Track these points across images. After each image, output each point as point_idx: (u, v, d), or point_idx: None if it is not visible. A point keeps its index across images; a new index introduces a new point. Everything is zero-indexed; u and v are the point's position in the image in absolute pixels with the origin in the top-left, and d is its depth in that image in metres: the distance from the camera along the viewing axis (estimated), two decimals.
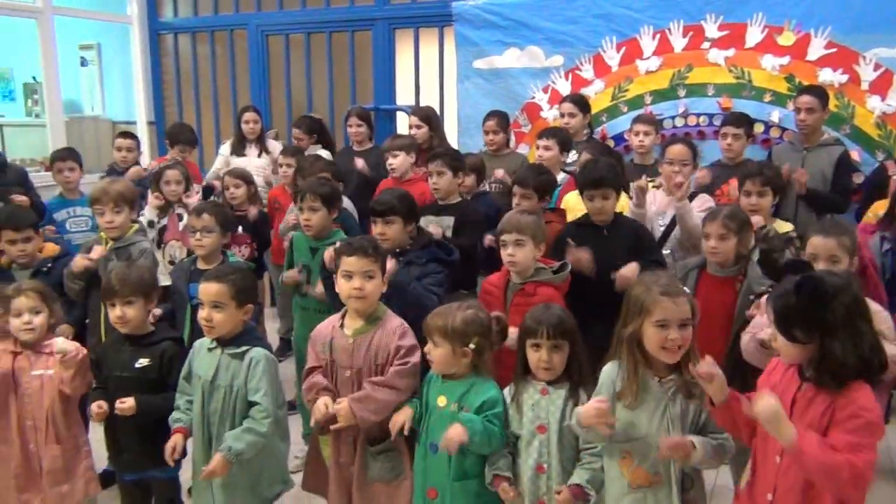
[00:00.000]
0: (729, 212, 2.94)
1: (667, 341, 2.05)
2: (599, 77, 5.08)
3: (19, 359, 2.69)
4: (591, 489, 2.20)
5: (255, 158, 5.37)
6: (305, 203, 3.33)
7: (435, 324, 2.32)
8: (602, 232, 3.28)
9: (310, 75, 6.38)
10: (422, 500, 2.39)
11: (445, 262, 3.15)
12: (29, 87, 7.72)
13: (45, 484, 2.68)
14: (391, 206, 3.07)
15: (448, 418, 2.32)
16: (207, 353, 2.51)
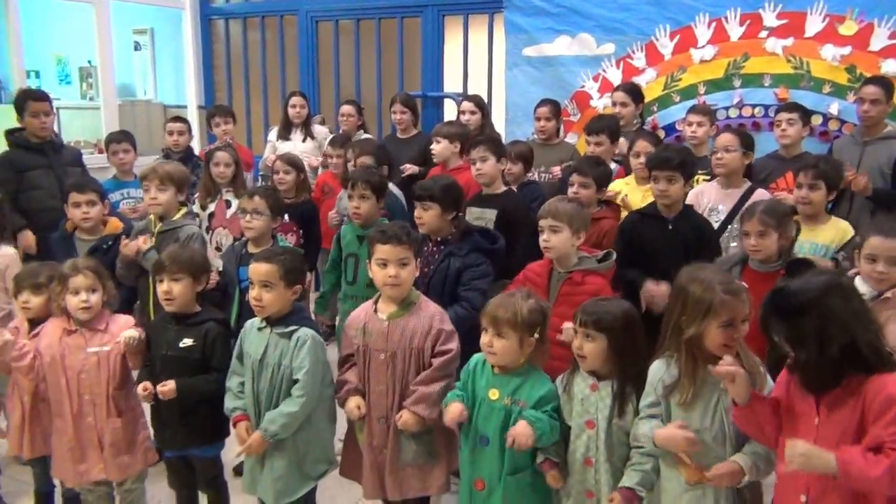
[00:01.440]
0: (766, 207, 2.86)
1: (732, 340, 2.02)
2: (651, 66, 4.99)
3: (74, 336, 2.74)
4: (643, 492, 2.17)
5: (299, 143, 5.39)
6: (356, 191, 3.35)
7: (502, 315, 2.27)
8: (666, 225, 3.21)
9: (358, 62, 6.39)
10: (468, 490, 2.37)
11: (489, 252, 3.13)
12: (84, 71, 7.90)
13: (106, 455, 2.75)
14: (430, 192, 3.08)
15: (500, 412, 2.30)
16: (257, 332, 2.53)
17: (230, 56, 7.05)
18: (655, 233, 3.20)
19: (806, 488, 1.88)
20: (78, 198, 3.44)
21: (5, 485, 3.23)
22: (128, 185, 4.49)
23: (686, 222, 3.22)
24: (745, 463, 2.01)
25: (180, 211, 3.48)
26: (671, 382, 2.12)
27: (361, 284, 3.36)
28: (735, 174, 3.64)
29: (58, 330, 2.75)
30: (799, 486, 1.89)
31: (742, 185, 3.64)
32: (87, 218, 3.44)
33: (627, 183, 3.90)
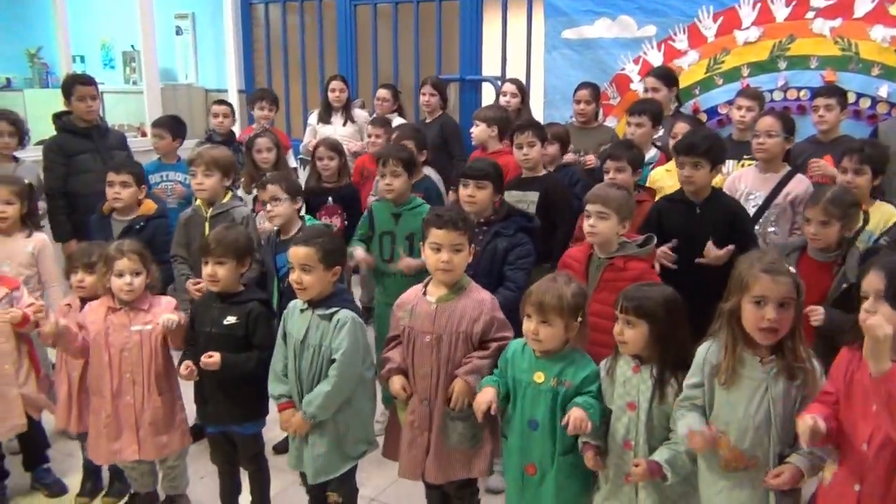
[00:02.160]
0: (832, 196, 2.80)
1: (763, 320, 1.98)
2: (694, 48, 4.91)
3: (119, 315, 2.81)
4: (669, 470, 2.16)
5: (339, 127, 5.42)
6: (388, 168, 3.37)
7: (548, 302, 2.26)
8: (694, 209, 3.18)
9: (397, 45, 6.39)
10: (519, 476, 2.38)
11: (530, 231, 3.14)
12: (127, 56, 8.02)
13: (145, 434, 2.82)
14: (486, 171, 3.10)
15: (547, 394, 2.31)
16: (300, 314, 2.56)
17: (270, 40, 7.11)
18: (683, 218, 3.16)
19: (860, 478, 1.84)
20: (113, 177, 3.51)
21: (55, 459, 3.33)
22: (169, 168, 4.58)
23: (716, 207, 3.18)
24: (804, 466, 1.98)
25: (227, 195, 3.52)
26: (716, 362, 2.11)
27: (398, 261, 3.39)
28: (775, 159, 3.56)
29: (103, 308, 2.83)
30: (853, 477, 1.86)
31: (780, 170, 3.56)
32: (117, 198, 3.51)
33: (668, 169, 3.84)
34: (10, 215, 3.29)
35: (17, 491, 3.19)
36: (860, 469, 1.84)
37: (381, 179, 3.43)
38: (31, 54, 7.86)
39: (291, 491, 3.09)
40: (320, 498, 2.70)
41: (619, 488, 2.29)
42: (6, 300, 2.97)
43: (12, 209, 3.29)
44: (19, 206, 3.31)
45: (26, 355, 3.04)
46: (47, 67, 7.89)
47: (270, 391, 2.62)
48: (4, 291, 2.98)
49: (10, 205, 3.28)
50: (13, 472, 3.20)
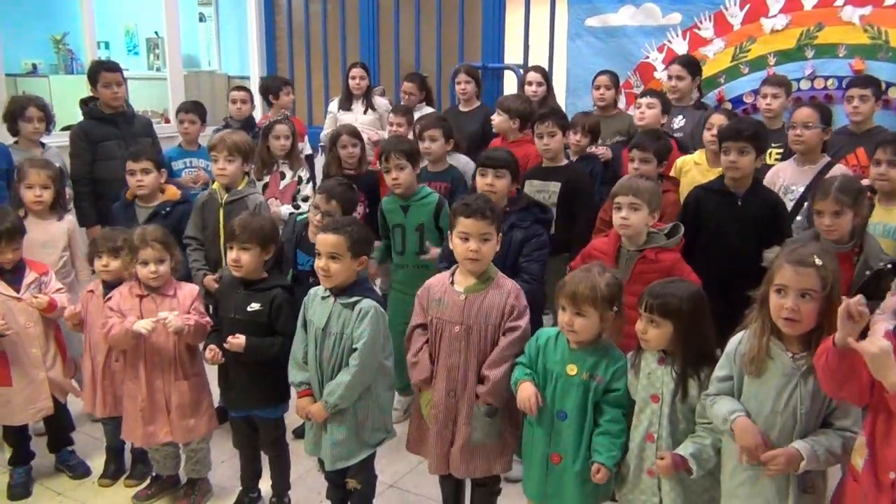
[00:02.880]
0: (840, 184, 2.75)
1: (783, 309, 1.96)
2: (720, 36, 4.84)
3: (145, 301, 2.85)
4: (694, 464, 2.15)
5: (360, 115, 5.41)
6: (391, 162, 3.35)
7: (583, 293, 2.24)
8: (735, 201, 3.13)
9: (419, 33, 6.37)
10: (543, 464, 2.37)
11: (545, 222, 3.13)
12: (151, 42, 8.05)
13: (173, 417, 2.86)
14: (506, 161, 3.08)
15: (578, 387, 2.31)
16: (321, 301, 2.57)
17: (292, 27, 7.11)
18: (722, 209, 3.13)
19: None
20: (132, 166, 3.53)
21: (80, 441, 3.38)
22: (191, 155, 4.60)
23: (756, 198, 3.13)
24: (803, 449, 1.95)
25: (243, 181, 3.53)
26: (746, 353, 2.09)
27: (410, 253, 3.41)
28: (813, 151, 3.49)
29: (133, 295, 2.87)
30: (890, 463, 1.82)
31: (818, 162, 3.49)
32: (141, 185, 3.53)
33: (698, 162, 3.78)
34: (46, 199, 3.35)
35: (42, 472, 3.25)
36: None
37: (387, 175, 3.42)
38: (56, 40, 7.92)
39: (311, 476, 3.11)
40: (339, 483, 2.72)
41: (641, 481, 2.29)
42: (35, 285, 3.03)
43: (48, 193, 3.35)
44: (52, 191, 3.35)
45: (53, 339, 3.10)
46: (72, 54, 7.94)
47: (291, 378, 2.64)
48: (34, 276, 3.04)
49: (47, 189, 3.34)
50: (38, 454, 3.25)
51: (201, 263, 3.43)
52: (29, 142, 4.01)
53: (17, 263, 3.03)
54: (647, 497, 2.29)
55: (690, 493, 2.23)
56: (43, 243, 3.37)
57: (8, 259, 2.97)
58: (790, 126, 3.55)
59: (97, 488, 3.18)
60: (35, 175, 3.33)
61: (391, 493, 3.11)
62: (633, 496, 2.31)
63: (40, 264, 3.13)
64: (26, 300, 2.95)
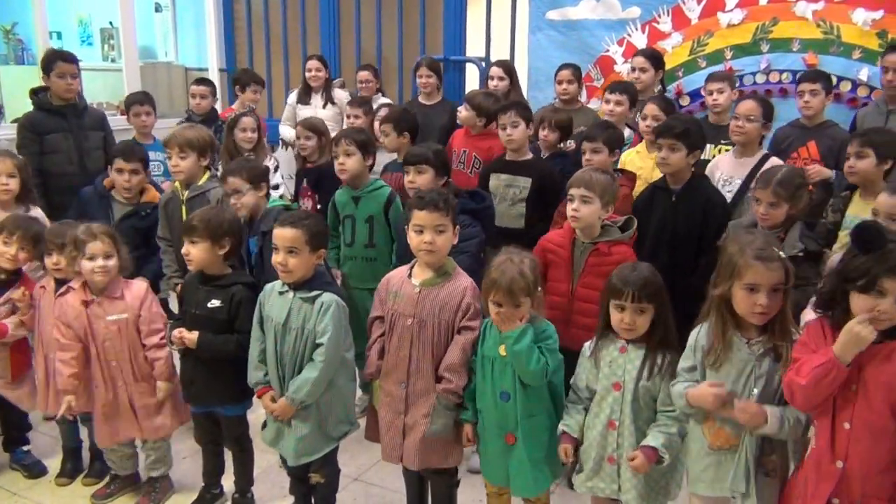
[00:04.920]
0: (781, 178, 2.83)
1: (755, 306, 2.01)
2: (678, 30, 4.91)
3: (93, 306, 2.79)
4: (666, 454, 2.19)
5: (320, 109, 5.36)
6: (340, 148, 3.36)
7: (518, 285, 2.25)
8: (671, 197, 3.20)
9: (380, 25, 6.33)
10: (500, 448, 2.40)
11: (476, 212, 3.11)
12: (106, 33, 7.89)
13: (140, 417, 2.85)
14: (425, 157, 3.10)
15: (511, 366, 2.33)
16: (279, 296, 2.54)
17: (251, 18, 7.02)
18: (661, 205, 3.20)
19: (844, 455, 1.86)
20: (123, 165, 3.47)
21: (36, 440, 3.32)
22: (147, 148, 4.49)
23: (692, 194, 3.20)
24: (771, 412, 2.01)
25: (204, 175, 3.45)
26: (706, 345, 2.14)
27: (359, 245, 3.41)
28: (752, 143, 3.58)
29: (77, 300, 2.80)
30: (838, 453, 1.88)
31: (756, 154, 3.58)
32: (129, 186, 3.49)
33: (639, 151, 3.85)
34: (13, 188, 3.27)
35: None
36: (844, 447, 1.86)
37: (335, 160, 3.41)
38: (6, 30, 7.70)
39: (274, 471, 3.10)
40: (302, 478, 2.71)
41: (602, 468, 2.32)
42: (12, 304, 2.97)
43: (15, 182, 3.27)
44: (19, 181, 3.27)
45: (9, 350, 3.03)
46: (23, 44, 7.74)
47: (249, 379, 2.61)
48: (20, 293, 2.97)
49: (13, 178, 3.26)
50: None
51: (173, 269, 3.38)
52: None
53: (14, 276, 3.00)
54: (606, 484, 2.32)
55: (649, 478, 2.27)
56: None
57: None
58: (733, 117, 3.61)
59: (54, 487, 3.12)
60: (0, 163, 3.23)
61: (355, 486, 3.10)
62: (592, 483, 2.35)
63: (32, 283, 3.05)
64: None
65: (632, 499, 2.28)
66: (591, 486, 2.35)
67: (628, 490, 2.28)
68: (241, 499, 2.93)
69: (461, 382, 2.44)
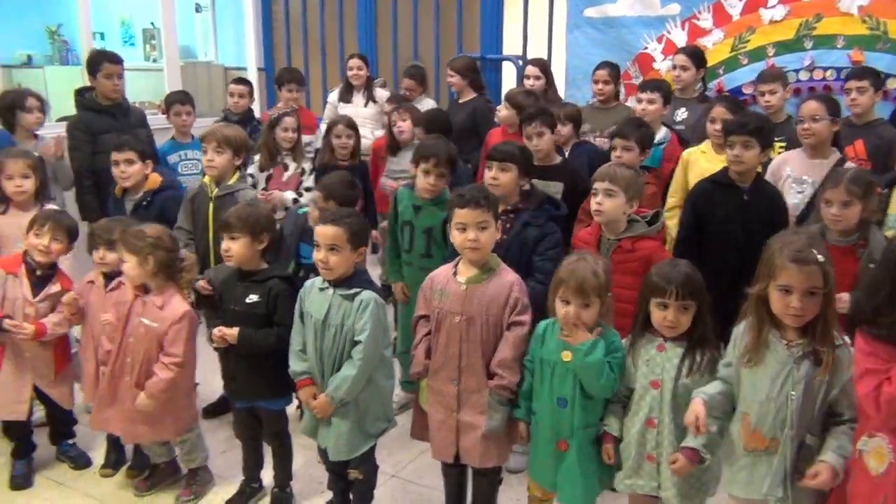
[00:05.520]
0: (853, 175, 2.75)
1: (788, 308, 1.98)
2: (719, 27, 4.85)
3: (137, 302, 2.85)
4: (707, 453, 2.17)
5: (361, 107, 5.39)
6: (439, 170, 3.17)
7: (591, 284, 2.24)
8: (742, 195, 3.12)
9: (416, 23, 6.35)
10: (550, 454, 2.39)
11: (558, 219, 3.10)
12: (147, 33, 8.04)
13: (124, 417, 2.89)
14: (511, 154, 3.03)
15: (573, 373, 2.32)
16: (319, 292, 2.56)
17: (289, 17, 7.08)
18: (728, 203, 3.12)
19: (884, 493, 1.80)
20: (116, 157, 3.50)
21: (81, 432, 3.37)
22: (185, 147, 4.57)
23: (762, 194, 3.14)
24: (838, 465, 1.96)
25: (234, 175, 3.47)
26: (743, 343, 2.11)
27: (416, 253, 3.33)
28: (823, 144, 3.44)
29: (130, 291, 2.87)
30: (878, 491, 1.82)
31: (831, 156, 3.45)
32: (124, 177, 3.50)
33: (704, 151, 3.76)
34: (28, 189, 3.32)
35: (44, 463, 3.25)
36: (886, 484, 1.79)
37: (425, 177, 3.21)
38: (51, 31, 7.90)
39: (312, 466, 3.12)
40: (341, 474, 2.73)
41: (641, 466, 2.31)
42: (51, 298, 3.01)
43: (29, 183, 3.32)
44: (34, 180, 3.33)
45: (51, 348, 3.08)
46: (67, 45, 7.93)
47: (290, 368, 2.64)
48: (56, 289, 3.02)
49: (27, 178, 3.31)
50: (39, 445, 3.25)
51: None
52: (25, 133, 3.99)
53: (50, 271, 3.05)
54: (645, 482, 2.31)
55: (689, 475, 2.24)
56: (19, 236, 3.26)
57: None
58: (798, 120, 3.51)
59: (98, 478, 3.18)
60: (13, 165, 3.29)
61: (393, 482, 3.12)
62: (631, 481, 2.33)
63: (68, 279, 3.10)
64: (9, 327, 2.90)
65: (672, 496, 2.26)
66: (631, 483, 2.34)
67: (668, 488, 2.26)
68: (281, 493, 2.96)
69: (514, 378, 2.43)
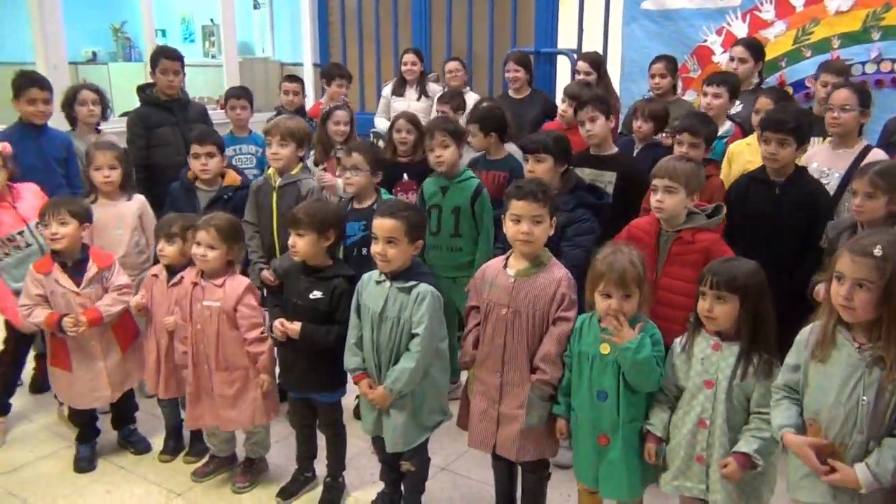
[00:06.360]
0: (881, 168, 2.68)
1: (838, 296, 1.93)
2: (781, 18, 4.70)
3: (196, 289, 2.92)
4: (760, 459, 2.13)
5: (413, 101, 5.41)
6: (435, 140, 3.37)
7: (631, 274, 2.24)
8: (774, 189, 3.07)
9: (471, 17, 6.33)
10: (593, 447, 2.38)
11: (594, 207, 3.08)
12: (207, 30, 8.20)
13: (217, 405, 2.95)
14: (544, 144, 3.06)
15: (614, 365, 2.30)
16: (376, 285, 2.59)
17: (345, 14, 7.14)
18: (763, 198, 3.08)
19: None
20: (198, 149, 3.58)
21: (141, 419, 3.48)
22: (242, 142, 4.64)
23: (796, 187, 3.07)
24: (861, 474, 1.90)
25: (298, 166, 3.54)
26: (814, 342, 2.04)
27: (445, 235, 3.42)
28: (850, 134, 3.38)
29: (189, 281, 2.94)
30: None
31: (856, 146, 3.38)
32: (205, 169, 3.58)
33: (749, 143, 3.70)
34: (115, 179, 3.41)
35: (107, 448, 3.36)
36: None
37: (430, 153, 3.43)
38: (115, 29, 8.11)
39: (365, 457, 3.16)
40: (394, 465, 2.76)
41: (689, 468, 2.27)
42: (96, 280, 3.11)
43: (116, 173, 3.41)
44: (120, 171, 3.43)
45: (112, 332, 3.17)
46: (131, 41, 8.14)
47: (345, 364, 2.67)
48: (95, 270, 3.10)
49: (114, 169, 3.41)
50: (103, 430, 3.37)
51: (259, 255, 3.48)
52: (86, 127, 4.11)
53: (81, 256, 3.11)
54: (693, 484, 2.27)
55: (740, 481, 2.20)
56: (115, 224, 3.45)
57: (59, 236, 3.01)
58: (828, 108, 3.43)
59: (157, 464, 3.27)
60: (101, 156, 3.39)
61: (443, 475, 3.13)
62: (678, 483, 2.30)
63: (106, 255, 3.19)
64: (66, 326, 2.98)
65: (720, 500, 2.22)
66: (678, 484, 2.30)
67: (717, 491, 2.22)
68: (333, 483, 2.99)
69: (556, 374, 2.42)
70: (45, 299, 3.05)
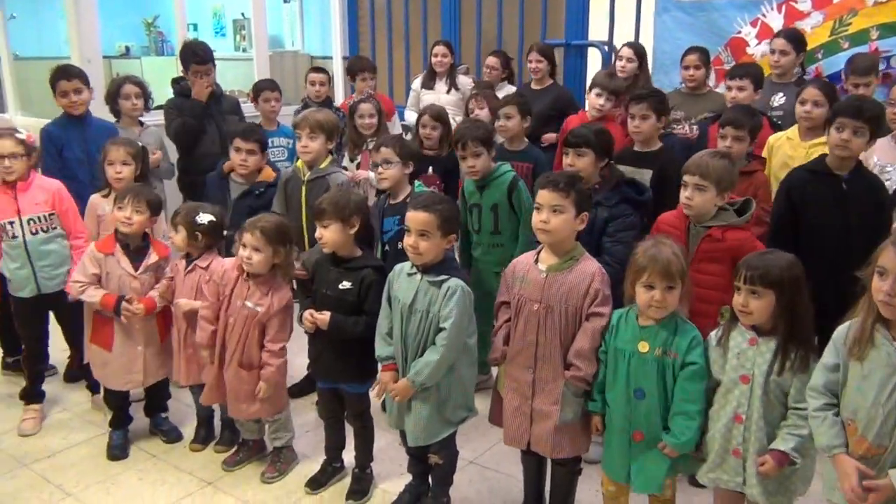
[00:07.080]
0: None
1: (880, 292, 1.88)
2: (818, 9, 4.61)
3: (240, 284, 2.95)
4: (798, 457, 2.10)
5: (443, 94, 5.39)
6: (468, 150, 3.34)
7: (677, 266, 2.23)
8: (841, 183, 2.98)
9: (501, 10, 6.30)
10: (626, 443, 2.36)
11: (636, 203, 3.05)
12: (238, 24, 8.25)
13: (230, 397, 3.02)
14: (586, 138, 3.03)
15: (653, 363, 2.28)
16: (407, 277, 2.58)
17: (374, 7, 7.15)
18: (826, 192, 2.98)
19: None
20: (241, 144, 3.61)
21: (173, 408, 3.53)
22: (272, 135, 4.63)
23: (861, 181, 2.98)
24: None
25: (327, 160, 3.54)
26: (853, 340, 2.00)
27: (486, 232, 3.42)
28: None
29: (235, 271, 2.98)
30: None
31: None
32: (244, 164, 3.62)
33: (790, 137, 3.62)
34: (126, 176, 3.43)
35: (139, 435, 3.41)
36: None
37: (463, 162, 3.41)
38: (147, 23, 8.22)
39: (393, 449, 3.16)
40: (421, 458, 2.76)
41: (725, 461, 2.25)
42: (153, 268, 3.19)
43: (128, 170, 3.43)
44: (134, 168, 3.46)
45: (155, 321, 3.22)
46: (163, 36, 8.24)
47: (377, 352, 2.67)
48: (155, 259, 3.19)
49: (127, 165, 3.43)
50: (135, 418, 3.41)
51: None
52: (129, 120, 4.16)
53: (143, 244, 3.19)
54: (729, 476, 2.25)
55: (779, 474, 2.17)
56: None
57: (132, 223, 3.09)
58: (888, 103, 3.35)
59: (188, 452, 3.31)
60: (115, 152, 3.41)
61: (471, 469, 3.13)
62: (714, 475, 2.28)
63: (163, 247, 3.26)
64: (124, 311, 3.07)
65: (757, 494, 2.20)
66: (714, 477, 2.29)
67: (753, 485, 2.20)
68: (361, 473, 3.00)
69: (590, 370, 2.40)
70: (99, 279, 3.12)
